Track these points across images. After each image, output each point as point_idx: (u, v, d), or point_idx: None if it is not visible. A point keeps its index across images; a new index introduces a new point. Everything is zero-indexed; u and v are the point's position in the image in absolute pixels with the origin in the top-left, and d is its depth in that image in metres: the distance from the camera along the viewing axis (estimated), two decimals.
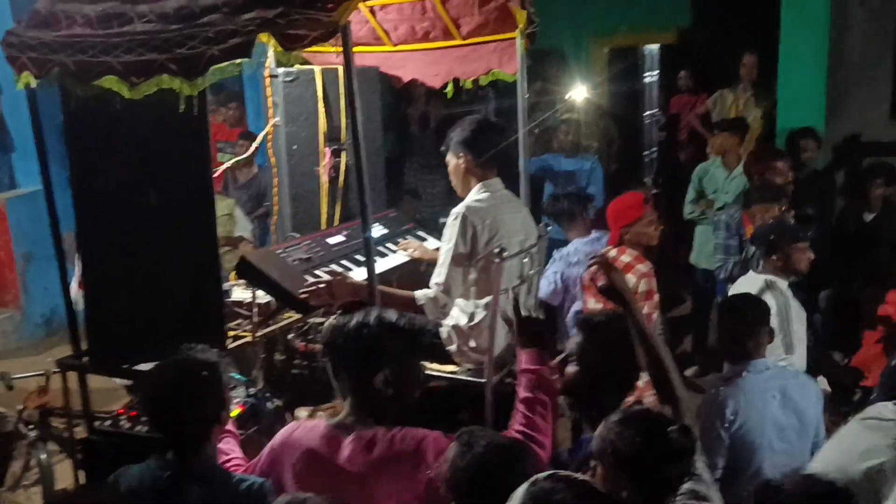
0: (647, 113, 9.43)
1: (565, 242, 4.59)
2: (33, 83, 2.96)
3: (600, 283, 2.33)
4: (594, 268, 2.36)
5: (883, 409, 2.38)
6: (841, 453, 2.36)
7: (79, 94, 2.80)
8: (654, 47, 9.31)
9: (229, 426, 2.55)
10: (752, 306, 3.13)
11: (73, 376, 3.33)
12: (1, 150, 6.78)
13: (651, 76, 9.50)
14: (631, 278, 3.47)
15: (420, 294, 3.19)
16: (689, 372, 5.62)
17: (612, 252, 3.65)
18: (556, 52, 8.01)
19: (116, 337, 3.09)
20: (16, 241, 6.44)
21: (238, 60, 2.60)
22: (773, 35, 5.78)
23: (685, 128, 7.47)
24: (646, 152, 9.48)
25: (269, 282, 3.11)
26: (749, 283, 3.70)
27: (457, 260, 3.13)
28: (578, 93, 7.11)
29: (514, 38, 3.61)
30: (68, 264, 3.35)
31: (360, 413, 2.25)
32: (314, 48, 3.68)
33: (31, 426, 4.09)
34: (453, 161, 3.27)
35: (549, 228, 3.55)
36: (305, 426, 2.33)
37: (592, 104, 7.05)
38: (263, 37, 2.58)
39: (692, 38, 7.80)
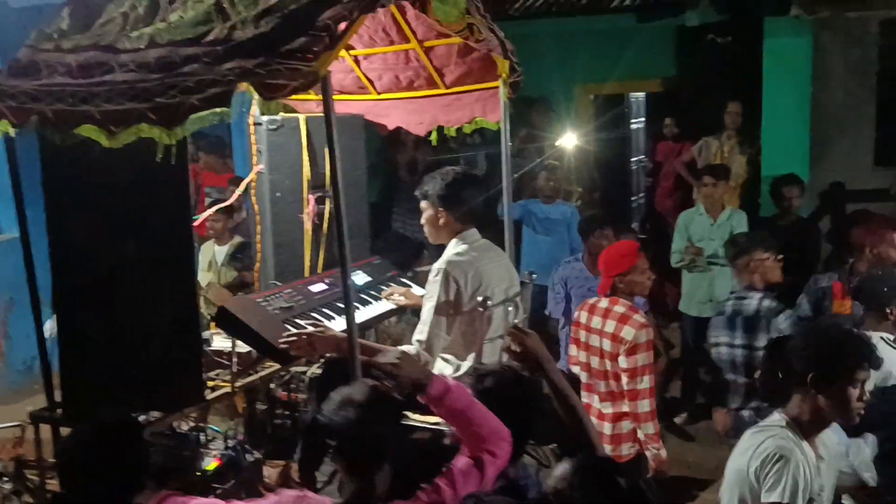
0: (635, 159, 9.51)
1: None
2: (12, 132, 2.93)
3: (513, 348, 2.40)
4: (508, 337, 2.43)
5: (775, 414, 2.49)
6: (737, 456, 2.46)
7: (57, 142, 2.77)
8: (640, 95, 9.42)
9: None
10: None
11: (47, 428, 3.26)
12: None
13: (638, 123, 9.60)
14: (630, 330, 3.44)
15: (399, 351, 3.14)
16: (678, 419, 5.56)
17: (604, 302, 3.61)
18: (543, 99, 8.09)
19: (91, 388, 3.02)
20: None
21: (218, 109, 2.58)
22: (757, 83, 5.86)
23: (670, 174, 7.52)
24: (633, 198, 9.54)
25: (248, 331, 3.06)
26: None
27: (440, 314, 3.09)
28: (565, 140, 7.17)
29: (497, 87, 3.63)
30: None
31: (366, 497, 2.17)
32: (298, 96, 3.73)
33: (5, 478, 3.99)
34: (429, 212, 3.25)
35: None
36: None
37: (577, 151, 7.10)
38: (244, 86, 2.58)
39: (677, 86, 7.90)
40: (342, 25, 2.58)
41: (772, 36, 5.93)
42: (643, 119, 9.64)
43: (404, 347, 3.15)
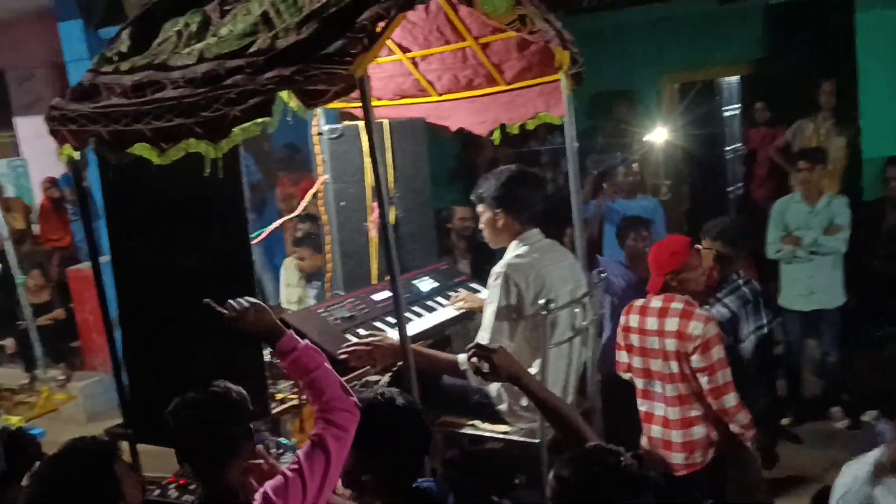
0: (730, 148, 9.06)
1: None
2: (75, 155, 3.01)
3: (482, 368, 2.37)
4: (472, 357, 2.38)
5: None
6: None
7: (113, 162, 2.81)
8: (733, 80, 8.99)
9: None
10: None
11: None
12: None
13: (732, 110, 9.15)
14: (697, 325, 3.19)
15: (462, 358, 3.03)
16: (784, 421, 5.21)
17: (656, 302, 3.34)
18: (626, 92, 7.83)
19: (157, 404, 3.05)
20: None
21: (260, 120, 2.55)
22: (851, 60, 5.45)
23: (765, 162, 7.11)
24: (730, 188, 9.09)
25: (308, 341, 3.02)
26: None
27: (501, 320, 2.97)
28: (652, 132, 6.90)
29: (559, 80, 3.48)
30: None
31: None
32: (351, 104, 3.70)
33: None
34: (486, 215, 3.13)
35: (604, 275, 3.33)
36: None
37: (665, 143, 6.83)
38: (285, 95, 2.54)
39: (767, 68, 7.48)
40: (380, 25, 2.51)
41: (864, 9, 5.51)
42: (738, 106, 9.18)
43: (466, 355, 3.05)
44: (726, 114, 9.06)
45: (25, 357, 6.26)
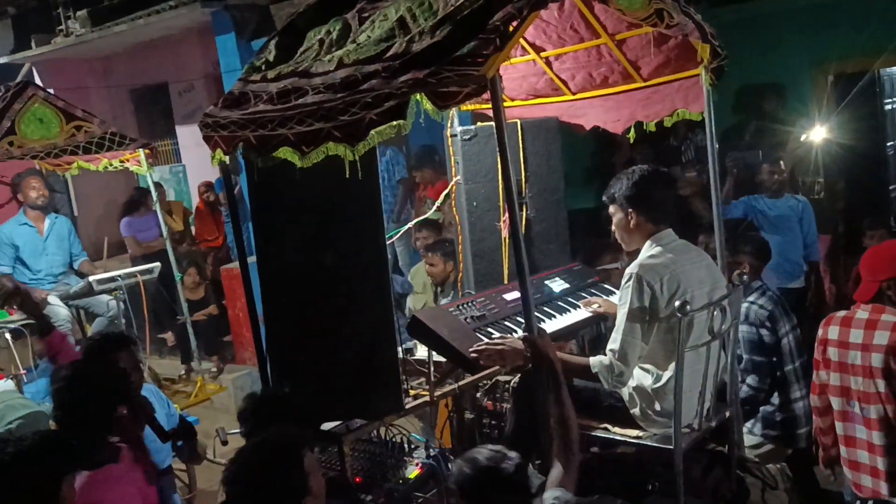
0: (891, 143, 8.41)
1: None
2: (226, 159, 3.19)
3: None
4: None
5: None
6: None
7: (259, 165, 2.97)
8: (894, 70, 8.33)
9: None
10: None
11: None
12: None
13: (892, 103, 8.49)
14: None
15: (595, 361, 2.99)
16: None
17: (862, 312, 3.04)
18: (775, 85, 7.43)
19: (297, 397, 3.19)
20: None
21: (394, 123, 2.62)
22: None
23: None
24: (893, 186, 8.44)
25: (439, 340, 3.07)
26: None
27: (634, 322, 2.90)
28: (805, 128, 6.53)
29: (698, 75, 3.36)
30: None
31: None
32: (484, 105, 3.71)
33: None
34: (618, 215, 3.07)
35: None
36: None
37: (815, 138, 6.43)
38: (419, 97, 2.59)
39: None
40: (512, 25, 2.52)
41: None
42: None
43: (598, 358, 3.00)
44: (887, 106, 8.43)
45: (182, 349, 6.68)
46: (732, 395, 3.35)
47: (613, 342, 2.94)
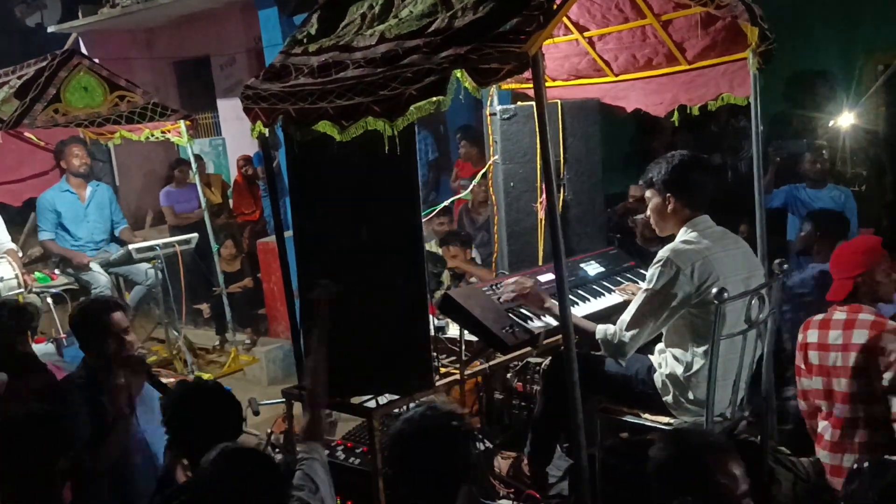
0: None
1: None
2: (265, 131, 3.21)
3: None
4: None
5: None
6: None
7: (297, 138, 2.97)
8: None
9: None
10: None
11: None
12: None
13: None
14: (892, 338, 2.91)
15: (601, 328, 3.00)
16: None
17: (839, 313, 3.07)
18: (825, 73, 7.25)
19: (330, 370, 3.22)
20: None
21: (434, 98, 2.61)
22: None
23: None
24: None
25: (470, 318, 3.07)
26: None
27: (652, 303, 2.88)
28: (853, 118, 6.36)
29: (745, 58, 3.29)
30: None
31: None
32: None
33: (277, 449, 4.42)
34: (655, 200, 3.03)
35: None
36: None
37: (860, 129, 6.27)
38: (459, 73, 2.58)
39: None
40: (556, 3, 2.48)
41: None
42: None
43: (603, 326, 2.98)
44: None
45: (217, 321, 6.77)
46: (767, 386, 3.30)
47: (627, 313, 2.94)
